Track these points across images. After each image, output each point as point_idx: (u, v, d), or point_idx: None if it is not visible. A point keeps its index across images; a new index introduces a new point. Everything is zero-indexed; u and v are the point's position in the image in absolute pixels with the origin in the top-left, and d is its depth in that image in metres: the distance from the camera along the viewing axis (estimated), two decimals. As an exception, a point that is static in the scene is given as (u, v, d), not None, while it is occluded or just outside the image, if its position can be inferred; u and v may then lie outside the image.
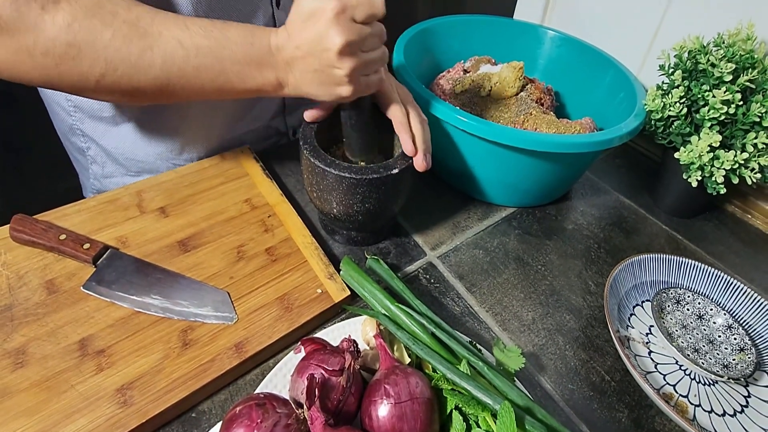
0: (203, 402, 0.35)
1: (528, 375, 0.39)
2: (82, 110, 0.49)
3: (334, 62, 0.34)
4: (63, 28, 0.32)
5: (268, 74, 0.37)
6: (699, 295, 0.44)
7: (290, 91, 0.38)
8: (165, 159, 0.53)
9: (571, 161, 0.50)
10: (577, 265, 0.49)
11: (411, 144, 0.40)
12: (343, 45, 0.33)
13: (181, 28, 0.34)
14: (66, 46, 0.32)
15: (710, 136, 0.46)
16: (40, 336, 0.35)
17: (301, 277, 0.41)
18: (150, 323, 0.37)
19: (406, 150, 0.40)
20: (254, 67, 0.36)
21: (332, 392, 0.29)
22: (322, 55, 0.34)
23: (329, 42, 0.33)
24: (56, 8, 0.31)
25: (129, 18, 0.33)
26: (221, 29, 0.35)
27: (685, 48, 0.50)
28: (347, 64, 0.34)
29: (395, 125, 0.41)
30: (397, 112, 0.41)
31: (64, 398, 0.32)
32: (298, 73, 0.36)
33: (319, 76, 0.35)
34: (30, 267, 0.39)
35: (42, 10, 0.31)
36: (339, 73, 0.34)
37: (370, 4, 0.33)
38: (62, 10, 0.32)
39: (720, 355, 0.41)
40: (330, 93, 0.36)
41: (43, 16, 0.31)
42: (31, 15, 0.31)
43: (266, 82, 0.37)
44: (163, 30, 0.34)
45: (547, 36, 0.64)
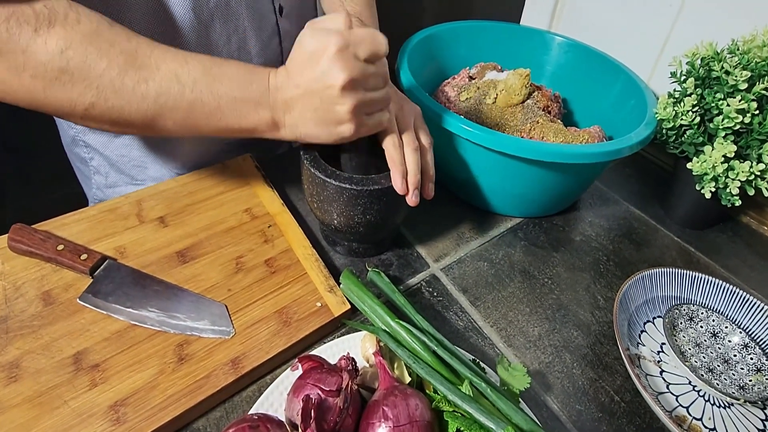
0: (198, 419, 0.34)
1: (534, 394, 0.37)
2: None
3: (336, 99, 0.33)
4: (56, 54, 0.31)
5: (264, 114, 0.36)
6: (713, 311, 0.42)
7: (287, 132, 0.37)
8: (169, 168, 0.53)
9: (579, 171, 0.49)
10: (585, 279, 0.48)
11: (400, 180, 0.37)
12: (346, 81, 0.32)
13: (180, 62, 0.34)
14: (58, 72, 0.31)
15: (724, 146, 0.44)
16: (35, 349, 0.34)
17: (301, 289, 0.41)
18: (146, 336, 0.36)
19: (396, 187, 0.37)
20: (251, 106, 0.35)
21: (329, 414, 0.28)
22: (324, 92, 0.33)
23: (332, 78, 0.32)
24: (50, 32, 0.30)
25: (127, 48, 0.32)
26: (221, 66, 0.35)
27: (698, 55, 0.48)
28: (350, 100, 0.33)
29: (387, 158, 0.38)
30: (388, 145, 0.38)
31: (56, 415, 0.31)
32: (297, 113, 0.35)
33: (319, 115, 0.34)
34: (27, 278, 0.39)
35: (35, 32, 0.30)
36: (341, 111, 0.33)
37: (373, 41, 0.33)
38: (56, 35, 0.30)
39: (736, 376, 0.39)
40: (330, 133, 0.35)
41: (35, 39, 0.30)
42: (23, 37, 0.30)
43: (262, 122, 0.36)
44: (161, 63, 0.33)
45: (555, 42, 0.63)
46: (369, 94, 0.34)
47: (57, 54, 0.31)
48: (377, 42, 0.33)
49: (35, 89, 0.32)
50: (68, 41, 0.31)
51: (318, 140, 0.36)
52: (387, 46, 0.34)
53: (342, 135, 0.35)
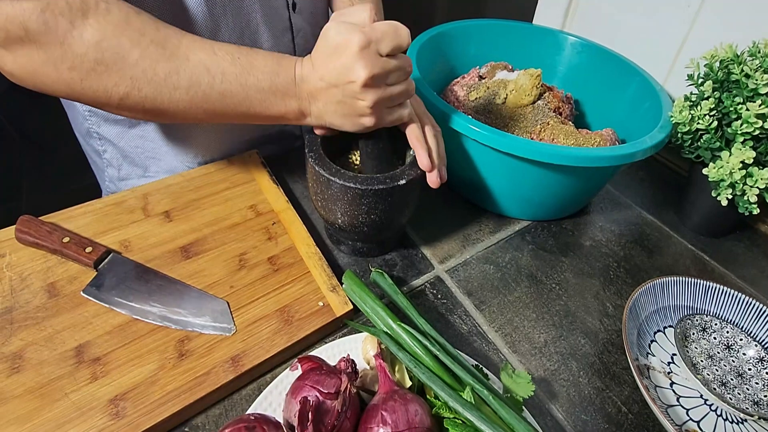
0: (197, 416, 0.34)
1: (538, 402, 0.37)
2: (97, 114, 0.50)
3: (357, 94, 0.34)
4: (92, 45, 0.31)
5: (291, 103, 0.37)
6: (727, 323, 0.41)
7: (313, 120, 0.38)
8: (182, 159, 0.53)
9: (590, 175, 0.47)
10: (594, 285, 0.46)
11: (426, 158, 0.39)
12: (368, 78, 0.33)
13: (208, 53, 0.34)
14: (94, 63, 0.32)
15: (743, 152, 0.43)
16: (38, 341, 0.34)
17: (303, 288, 0.40)
18: (147, 331, 0.36)
19: (422, 165, 0.39)
20: (279, 96, 0.36)
21: (326, 416, 0.28)
22: (346, 87, 0.34)
23: (354, 75, 0.33)
24: (85, 24, 0.31)
25: (157, 38, 0.33)
26: (248, 56, 0.35)
27: (717, 57, 0.47)
28: (371, 96, 0.34)
29: (410, 139, 0.40)
30: (411, 125, 0.40)
31: (57, 407, 0.31)
32: (321, 104, 0.36)
33: (342, 108, 0.36)
34: (33, 269, 0.39)
35: (71, 25, 0.31)
36: (362, 105, 0.35)
37: (395, 36, 0.33)
38: (90, 26, 0.31)
39: (750, 391, 0.37)
40: (353, 123, 0.37)
41: (72, 32, 0.31)
42: (60, 29, 0.31)
43: (289, 111, 0.37)
44: (191, 54, 0.34)
45: (568, 42, 0.62)
46: (390, 89, 0.35)
47: (93, 45, 0.31)
48: (399, 36, 0.34)
49: (73, 81, 0.33)
50: (102, 32, 0.31)
51: (342, 128, 0.38)
52: (409, 38, 0.34)
53: (364, 125, 0.36)
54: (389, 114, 0.37)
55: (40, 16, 0.30)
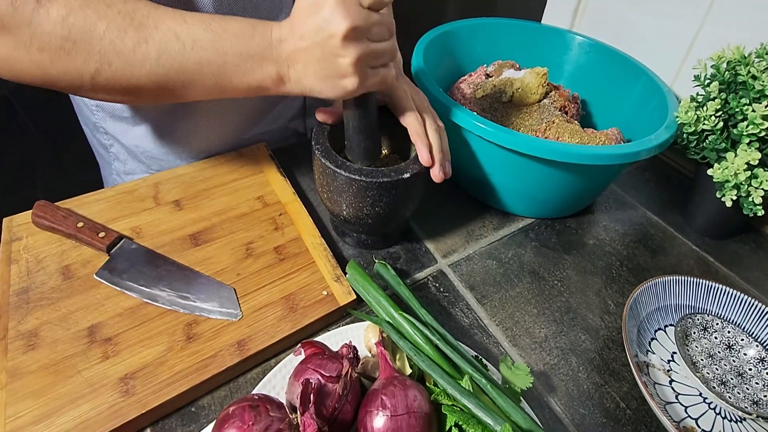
0: (203, 397, 0.35)
1: (536, 395, 0.37)
2: (103, 109, 0.51)
3: (338, 50, 0.32)
4: (58, 22, 0.31)
5: (269, 68, 0.35)
6: (729, 323, 0.41)
7: (292, 87, 0.36)
8: (183, 158, 0.54)
9: (594, 173, 0.48)
10: (596, 283, 0.47)
11: (427, 154, 0.39)
12: (348, 29, 0.31)
13: (178, 21, 0.33)
14: (61, 40, 0.31)
15: (748, 153, 0.43)
16: (53, 320, 0.36)
17: (308, 277, 0.41)
18: (157, 314, 0.37)
19: (423, 161, 0.39)
20: (255, 61, 0.34)
21: (328, 399, 0.28)
22: (326, 42, 0.32)
23: (334, 26, 0.31)
24: (51, 1, 0.31)
25: (124, 9, 0.32)
26: (220, 22, 0.34)
27: (724, 58, 0.47)
28: (352, 51, 0.32)
29: (411, 134, 0.40)
30: (412, 121, 0.39)
31: (69, 383, 0.32)
32: (300, 66, 0.34)
33: (322, 68, 0.33)
34: (48, 252, 0.40)
35: (37, 3, 0.31)
36: (344, 63, 0.32)
37: None
38: (57, 2, 0.31)
39: (750, 390, 0.37)
40: (334, 86, 0.34)
41: (38, 10, 0.31)
42: (27, 9, 0.30)
43: (266, 77, 0.35)
44: (159, 23, 0.33)
45: (575, 41, 0.62)
46: (373, 45, 0.33)
47: (59, 22, 0.31)
48: None
49: (43, 63, 0.32)
50: (68, 7, 0.31)
51: (323, 95, 0.35)
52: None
53: (346, 89, 0.34)
54: (373, 74, 0.34)
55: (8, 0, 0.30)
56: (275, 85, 0.36)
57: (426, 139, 0.39)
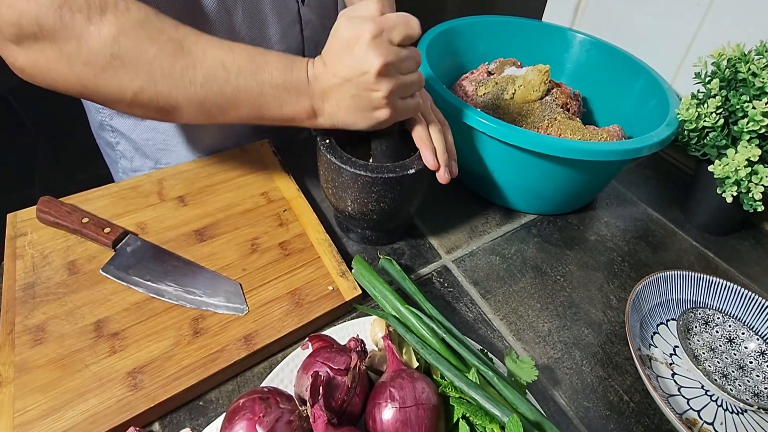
0: (211, 391, 0.35)
1: (541, 388, 0.37)
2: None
3: (372, 85, 0.34)
4: (108, 41, 0.31)
5: (304, 102, 0.37)
6: (730, 317, 0.42)
7: (325, 120, 0.38)
8: (192, 151, 0.55)
9: (596, 169, 0.48)
10: (598, 278, 0.47)
11: (432, 158, 0.39)
12: (382, 66, 0.33)
13: (225, 50, 0.35)
14: (110, 58, 0.32)
15: (749, 150, 0.43)
16: (59, 315, 0.36)
17: (313, 273, 0.41)
18: (163, 309, 0.37)
19: (428, 164, 0.39)
20: (292, 94, 0.36)
21: (337, 391, 0.29)
22: (361, 78, 0.34)
23: (367, 65, 0.33)
24: (102, 21, 0.31)
25: (175, 36, 0.33)
26: (263, 55, 0.36)
27: (725, 55, 0.47)
28: (385, 86, 0.34)
29: (415, 140, 0.40)
30: (416, 126, 0.40)
31: (77, 377, 0.32)
32: (334, 101, 0.36)
33: (356, 102, 0.35)
34: (54, 247, 0.40)
35: (88, 21, 0.30)
36: (377, 96, 0.34)
37: (406, 25, 0.34)
38: (108, 22, 0.31)
39: (751, 383, 0.38)
40: (368, 118, 0.36)
41: (88, 28, 0.30)
42: (76, 26, 0.30)
43: (302, 110, 0.37)
44: (208, 50, 0.34)
45: (576, 39, 0.62)
46: (403, 77, 0.35)
47: (110, 41, 0.31)
48: (410, 26, 0.34)
49: (86, 76, 0.32)
50: (120, 28, 0.31)
51: (355, 127, 0.37)
52: (419, 29, 0.35)
53: (379, 120, 0.36)
54: (403, 105, 0.37)
55: (56, 12, 0.30)
56: (309, 117, 0.38)
57: (430, 143, 0.40)
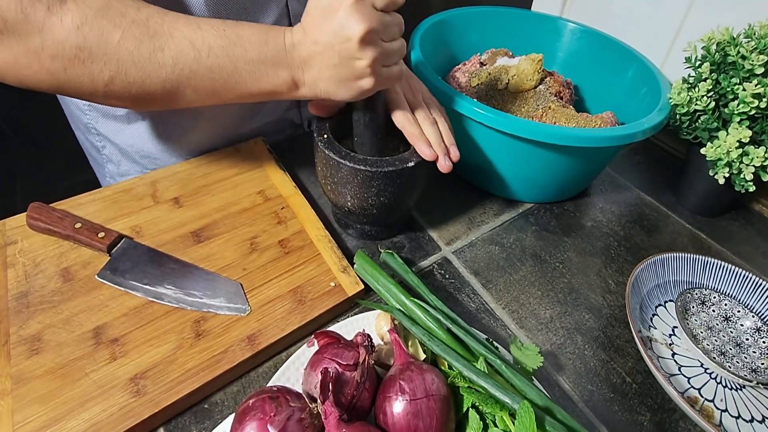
0: (216, 393, 0.34)
1: (546, 374, 0.38)
2: (96, 109, 0.49)
3: (355, 53, 0.32)
4: (72, 30, 0.30)
5: (283, 73, 0.35)
6: (725, 296, 0.42)
7: (307, 91, 0.36)
8: (179, 156, 0.53)
9: (591, 156, 0.48)
10: (596, 263, 0.48)
11: (428, 149, 0.38)
12: (365, 32, 0.31)
13: (192, 28, 0.33)
14: (76, 49, 0.31)
15: (739, 132, 0.44)
16: (56, 323, 0.35)
17: (314, 270, 0.41)
18: (163, 313, 0.36)
19: (425, 157, 0.38)
20: (269, 66, 0.35)
21: (346, 387, 0.29)
22: (343, 45, 0.32)
23: (350, 30, 0.31)
24: (63, 9, 0.30)
25: (139, 18, 0.32)
26: (234, 28, 0.34)
27: (714, 39, 0.48)
28: (369, 53, 0.32)
29: (408, 137, 0.39)
30: (404, 122, 0.39)
31: (78, 386, 0.32)
32: (315, 70, 0.35)
33: (339, 71, 0.34)
34: (46, 255, 0.39)
35: (48, 11, 0.30)
36: (361, 64, 0.33)
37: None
38: (70, 11, 0.30)
39: (748, 359, 0.39)
40: (351, 88, 0.35)
41: (50, 18, 0.30)
42: (38, 16, 0.30)
43: (281, 82, 0.35)
44: (174, 30, 0.33)
45: (567, 28, 0.63)
46: (387, 44, 0.34)
47: (73, 30, 0.30)
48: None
49: (56, 70, 0.32)
50: (82, 17, 0.30)
51: (337, 97, 0.36)
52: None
53: (362, 89, 0.35)
54: (387, 73, 0.35)
55: (17, 5, 0.29)
56: (289, 89, 0.36)
57: (423, 137, 0.39)
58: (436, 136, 0.40)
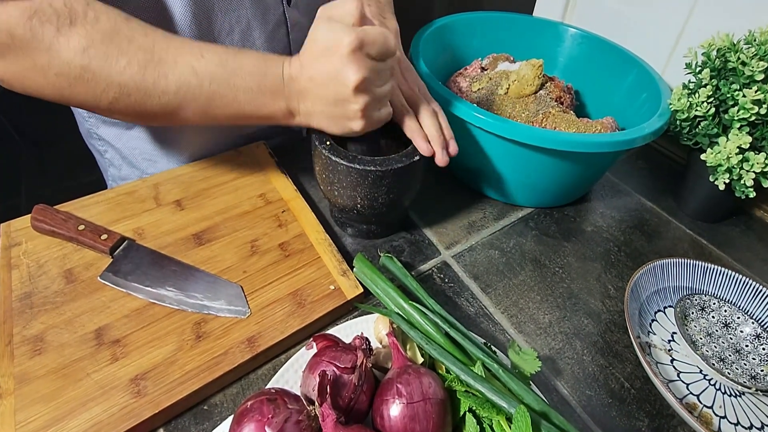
0: (215, 395, 0.35)
1: (544, 379, 0.38)
2: (95, 116, 0.50)
3: (348, 97, 0.34)
4: (78, 52, 0.31)
5: (280, 103, 0.37)
6: (725, 302, 0.42)
7: (301, 119, 0.38)
8: (180, 159, 0.54)
9: (591, 161, 0.49)
10: (596, 268, 0.48)
11: (425, 145, 0.40)
12: (359, 82, 0.33)
13: (196, 56, 0.34)
14: (80, 70, 0.32)
15: (740, 138, 0.44)
16: (58, 324, 0.35)
17: (314, 273, 0.41)
18: (164, 315, 0.37)
19: (422, 152, 0.40)
20: (267, 96, 0.36)
21: (344, 390, 0.29)
22: (338, 90, 0.34)
23: (345, 78, 0.33)
24: (72, 32, 0.31)
25: (145, 44, 0.33)
26: (235, 58, 0.35)
27: (714, 46, 0.48)
28: (361, 99, 0.34)
29: (407, 132, 0.40)
30: (403, 117, 0.40)
31: (79, 386, 0.32)
32: (309, 104, 0.36)
33: (331, 110, 0.36)
34: (50, 256, 0.40)
35: (57, 32, 0.31)
36: (353, 108, 0.35)
37: (385, 41, 0.33)
38: (77, 34, 0.31)
39: (747, 366, 0.39)
40: (341, 126, 0.37)
41: (58, 39, 0.31)
42: (46, 36, 0.31)
43: (277, 110, 0.37)
44: (179, 57, 0.34)
45: (568, 33, 0.63)
46: (378, 90, 0.35)
47: (79, 52, 0.31)
48: (388, 43, 0.34)
49: (61, 86, 0.33)
50: (89, 40, 0.31)
51: (328, 131, 0.38)
52: (397, 46, 0.35)
53: (352, 130, 0.37)
54: (377, 116, 0.37)
55: (27, 23, 0.30)
56: (284, 117, 0.38)
57: (421, 132, 0.40)
58: (435, 130, 0.40)
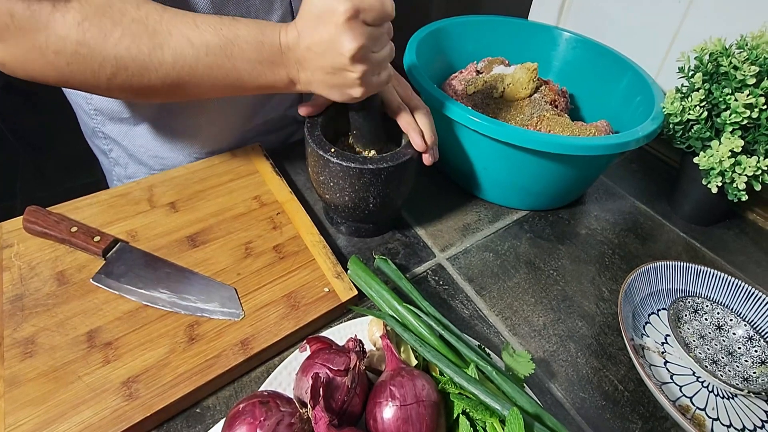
0: (208, 398, 0.34)
1: (538, 381, 0.38)
2: (102, 113, 0.50)
3: (346, 66, 0.34)
4: (73, 27, 0.32)
5: (280, 72, 0.37)
6: (718, 304, 0.43)
7: (302, 87, 0.38)
8: (186, 154, 0.54)
9: (585, 164, 0.49)
10: (590, 271, 0.48)
11: (421, 140, 0.41)
12: (356, 50, 0.32)
13: (190, 26, 0.34)
14: (76, 45, 0.32)
15: (732, 141, 0.45)
16: (50, 327, 0.35)
17: (309, 275, 0.41)
18: (157, 317, 0.37)
19: (417, 147, 0.41)
20: (266, 66, 0.36)
21: (337, 392, 0.29)
22: (335, 59, 0.33)
23: (342, 47, 0.32)
24: (67, 7, 0.32)
25: (138, 16, 0.33)
26: (230, 27, 0.35)
27: (707, 50, 0.49)
28: (359, 67, 0.34)
29: (402, 126, 0.42)
30: (401, 112, 0.41)
31: (70, 389, 0.32)
32: (309, 72, 0.36)
33: (330, 78, 0.35)
34: (42, 258, 0.40)
35: (53, 8, 0.31)
36: (352, 76, 0.34)
37: (381, 7, 0.33)
38: (73, 9, 0.32)
39: (740, 368, 0.39)
40: (342, 94, 0.37)
41: (54, 14, 0.31)
42: (43, 13, 0.31)
43: (278, 80, 0.37)
44: (173, 28, 0.34)
45: (562, 37, 0.63)
46: (376, 56, 0.35)
47: (74, 27, 0.32)
48: (385, 7, 0.33)
49: (60, 65, 0.33)
50: (83, 14, 0.32)
51: (330, 98, 0.38)
52: (394, 9, 0.34)
53: (352, 96, 0.36)
54: (377, 81, 0.36)
55: (25, 2, 0.31)
56: (286, 86, 0.38)
57: (417, 127, 0.41)
58: (429, 127, 0.42)
